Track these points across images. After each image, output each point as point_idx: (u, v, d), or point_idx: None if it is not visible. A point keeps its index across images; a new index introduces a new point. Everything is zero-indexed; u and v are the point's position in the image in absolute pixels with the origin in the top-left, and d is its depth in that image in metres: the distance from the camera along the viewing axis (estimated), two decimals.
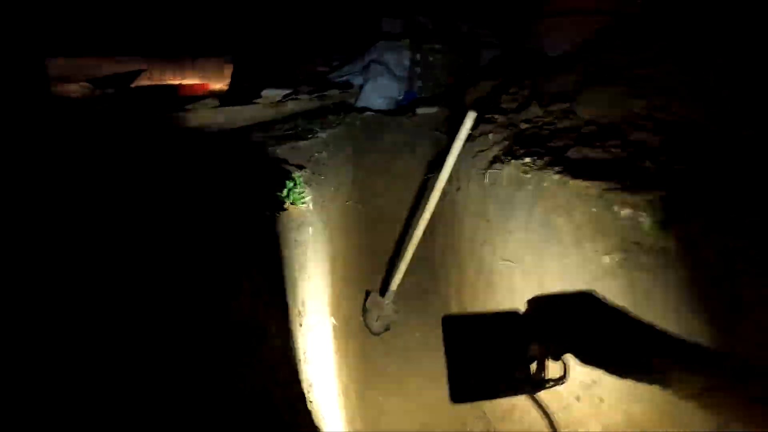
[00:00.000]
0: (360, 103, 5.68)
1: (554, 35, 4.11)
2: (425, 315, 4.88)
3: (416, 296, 4.97)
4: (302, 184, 2.97)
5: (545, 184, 2.11)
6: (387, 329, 4.82)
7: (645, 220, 1.54)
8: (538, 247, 2.27)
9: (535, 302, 0.89)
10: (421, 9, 6.21)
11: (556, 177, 2.04)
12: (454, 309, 4.33)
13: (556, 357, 0.80)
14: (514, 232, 2.52)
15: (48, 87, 3.60)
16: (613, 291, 1.70)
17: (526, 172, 2.33)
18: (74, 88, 4.12)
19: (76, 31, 4.24)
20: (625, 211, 1.61)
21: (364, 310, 4.75)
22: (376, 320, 4.75)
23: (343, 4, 6.93)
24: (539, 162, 2.31)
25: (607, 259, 1.70)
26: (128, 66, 4.68)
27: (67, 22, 4.11)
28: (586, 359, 0.75)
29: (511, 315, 0.99)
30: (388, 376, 4.63)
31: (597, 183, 1.81)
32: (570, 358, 0.80)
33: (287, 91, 5.25)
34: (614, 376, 0.70)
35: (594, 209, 1.76)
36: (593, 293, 0.87)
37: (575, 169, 1.99)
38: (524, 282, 2.43)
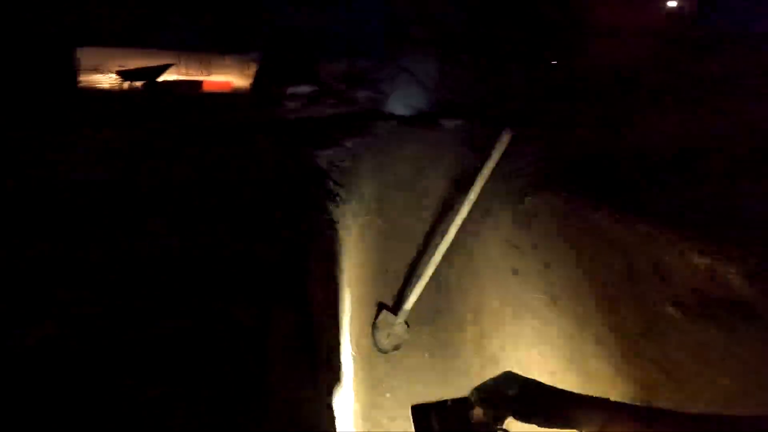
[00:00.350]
0: (385, 110, 5.58)
1: (597, 53, 3.97)
2: (436, 336, 4.71)
3: (428, 316, 4.80)
4: (328, 201, 2.85)
5: (600, 221, 1.96)
6: (396, 348, 4.66)
7: (729, 272, 1.38)
8: (582, 286, 2.10)
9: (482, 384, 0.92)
10: (451, 17, 6.09)
11: (616, 216, 1.88)
12: (470, 335, 4.15)
13: (500, 420, 0.83)
14: (552, 266, 2.36)
15: (75, 77, 3.53)
16: (673, 343, 1.55)
17: (573, 204, 2.17)
18: (104, 79, 4.06)
19: (107, 21, 4.19)
20: (704, 261, 1.46)
21: (374, 327, 4.59)
22: (386, 338, 4.60)
23: (370, 7, 6.85)
24: (590, 194, 2.15)
25: (672, 310, 1.54)
26: (157, 59, 4.63)
27: (98, 11, 4.06)
28: (520, 417, 0.82)
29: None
30: (395, 397, 4.46)
31: (669, 227, 1.65)
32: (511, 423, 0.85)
33: (312, 91, 5.17)
34: (542, 425, 0.75)
35: (661, 255, 1.60)
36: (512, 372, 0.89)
37: (638, 208, 1.84)
38: (561, 321, 2.27)
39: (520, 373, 0.86)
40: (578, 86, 3.65)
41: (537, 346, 2.61)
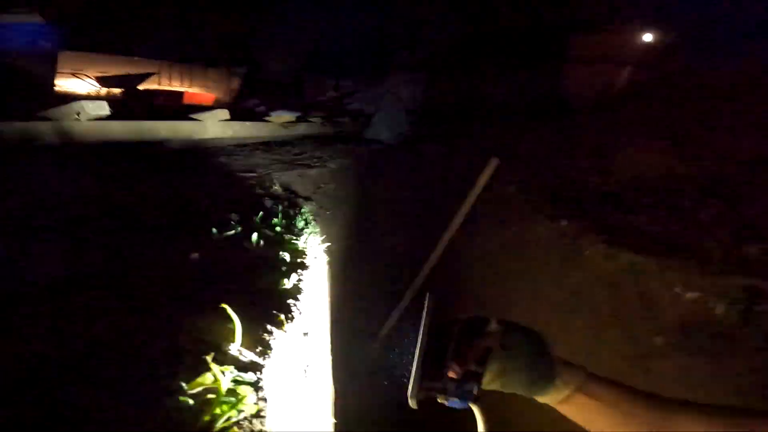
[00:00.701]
0: (369, 134, 5.63)
1: (580, 83, 4.14)
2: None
3: (406, 338, 4.76)
4: (312, 223, 2.80)
5: (587, 252, 2.02)
6: (372, 374, 4.58)
7: (716, 306, 1.45)
8: (568, 316, 2.15)
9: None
10: (439, 42, 6.26)
11: (603, 246, 1.95)
12: None
13: (509, 345, 0.78)
14: (538, 297, 2.40)
15: (52, 84, 3.35)
16: (662, 372, 1.59)
17: (561, 236, 2.24)
18: (80, 85, 3.90)
19: (91, 25, 4.06)
20: (692, 294, 1.53)
21: (352, 352, 4.50)
22: (361, 363, 4.53)
23: (359, 27, 6.97)
24: (577, 226, 2.22)
25: (659, 340, 1.59)
26: (139, 67, 4.52)
27: (84, 15, 3.94)
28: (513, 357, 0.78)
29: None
30: (368, 425, 4.33)
31: (654, 259, 1.72)
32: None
33: (297, 116, 5.15)
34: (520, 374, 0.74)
35: (647, 287, 1.67)
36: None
37: (623, 240, 1.92)
38: None
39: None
40: (560, 114, 3.82)
41: None
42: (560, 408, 0.75)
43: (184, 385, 1.05)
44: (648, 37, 4.54)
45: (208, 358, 1.12)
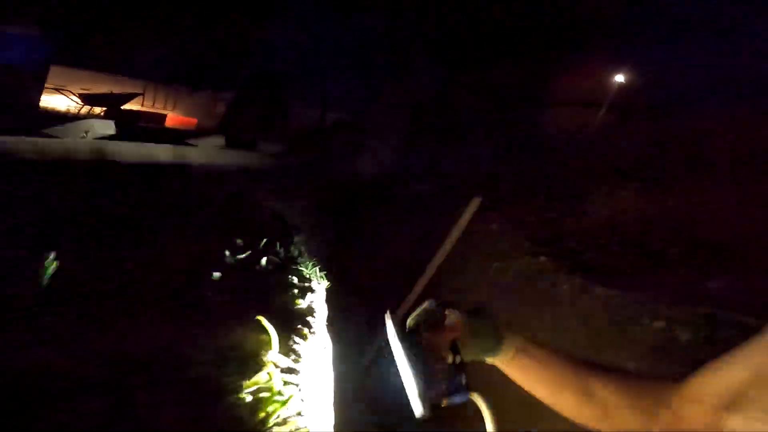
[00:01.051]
0: (354, 167, 5.78)
1: (556, 125, 4.45)
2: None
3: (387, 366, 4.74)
4: (306, 253, 2.88)
5: (564, 287, 2.26)
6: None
7: (681, 334, 1.70)
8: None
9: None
10: (424, 82, 6.59)
11: (579, 281, 2.20)
12: None
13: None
14: (519, 326, 2.59)
15: (39, 99, 3.27)
16: None
17: (540, 272, 2.48)
18: (63, 101, 3.83)
19: (86, 39, 4.04)
20: (659, 324, 1.78)
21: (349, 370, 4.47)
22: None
23: (349, 62, 7.24)
24: (555, 263, 2.48)
25: (631, 366, 1.81)
26: (124, 86, 4.49)
27: (80, 29, 3.92)
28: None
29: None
30: None
31: (626, 293, 1.98)
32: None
33: (285, 145, 5.27)
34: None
35: (619, 318, 1.91)
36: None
37: (597, 276, 2.18)
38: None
39: None
40: (535, 156, 4.16)
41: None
42: (506, 369, 0.88)
43: (244, 383, 1.12)
44: (618, 78, 4.98)
45: (265, 358, 1.20)
